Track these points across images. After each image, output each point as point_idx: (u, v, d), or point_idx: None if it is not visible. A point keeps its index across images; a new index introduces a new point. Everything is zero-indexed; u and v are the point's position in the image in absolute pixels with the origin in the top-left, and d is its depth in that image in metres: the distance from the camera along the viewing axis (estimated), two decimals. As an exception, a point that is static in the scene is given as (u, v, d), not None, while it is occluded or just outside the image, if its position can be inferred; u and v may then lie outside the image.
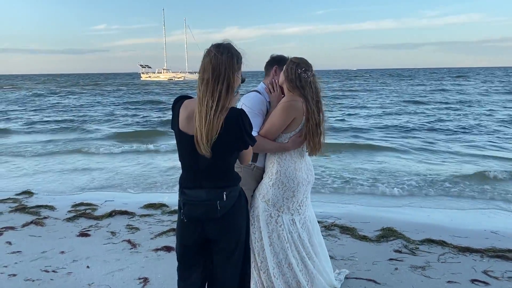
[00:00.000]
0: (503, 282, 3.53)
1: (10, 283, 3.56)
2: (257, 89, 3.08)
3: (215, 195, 2.13)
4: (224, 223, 2.18)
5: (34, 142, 12.94)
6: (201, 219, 2.17)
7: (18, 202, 6.11)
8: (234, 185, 2.22)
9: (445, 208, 6.00)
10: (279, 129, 2.87)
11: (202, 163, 2.12)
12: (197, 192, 2.16)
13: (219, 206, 2.12)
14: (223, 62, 2.05)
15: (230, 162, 2.20)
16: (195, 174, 2.17)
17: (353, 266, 3.83)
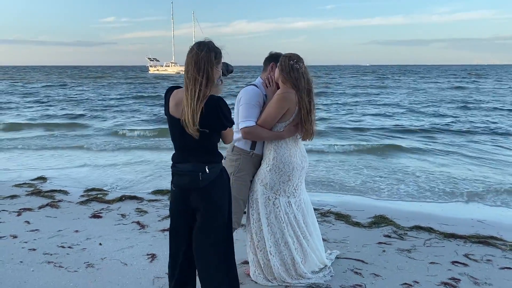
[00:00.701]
0: (481, 264, 3.83)
1: (30, 256, 3.92)
2: (254, 83, 3.39)
3: (198, 167, 2.50)
4: (205, 194, 2.54)
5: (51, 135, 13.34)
6: (186, 188, 2.55)
7: (34, 186, 6.48)
8: (216, 162, 2.58)
9: (439, 199, 6.28)
10: (275, 118, 3.18)
11: (189, 142, 2.49)
12: (184, 165, 2.54)
13: (201, 177, 2.48)
14: (202, 57, 2.42)
15: (213, 141, 2.55)
16: (183, 152, 2.56)
17: (344, 248, 4.14)
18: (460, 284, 3.43)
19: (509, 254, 4.05)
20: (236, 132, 3.35)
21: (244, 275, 3.53)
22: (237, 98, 3.37)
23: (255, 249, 3.42)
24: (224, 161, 3.40)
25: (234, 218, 3.35)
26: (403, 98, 27.61)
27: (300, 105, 3.15)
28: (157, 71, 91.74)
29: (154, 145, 11.05)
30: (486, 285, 3.43)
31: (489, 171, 8.06)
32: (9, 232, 4.51)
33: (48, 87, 39.55)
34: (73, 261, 3.81)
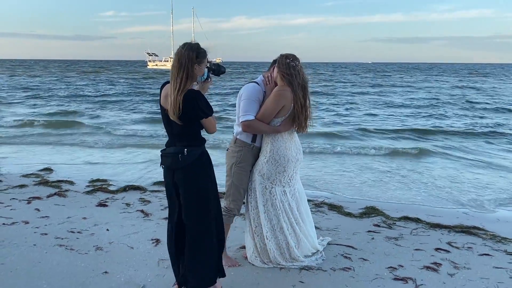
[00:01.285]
0: (462, 251, 4.13)
1: (43, 240, 4.20)
2: (256, 80, 3.67)
3: (179, 150, 2.90)
4: (185, 173, 2.92)
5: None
6: (171, 168, 2.96)
7: (41, 177, 6.75)
8: (196, 145, 2.94)
9: (425, 192, 6.58)
10: (272, 113, 3.46)
11: (174, 129, 2.90)
12: (169, 149, 2.98)
13: (180, 158, 2.88)
14: (184, 56, 2.78)
15: (194, 129, 2.94)
16: (170, 137, 3.00)
17: (335, 236, 4.44)
18: (441, 268, 3.73)
19: (489, 243, 4.35)
20: (237, 125, 3.63)
21: (242, 258, 3.82)
22: (238, 94, 3.65)
23: (253, 234, 3.71)
24: (227, 152, 3.72)
25: (233, 204, 3.67)
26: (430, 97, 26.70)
27: (294, 101, 3.43)
28: (156, 66, 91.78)
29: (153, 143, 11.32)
30: (465, 269, 3.72)
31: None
32: (20, 218, 4.78)
33: (50, 81, 39.65)
34: (83, 245, 4.09)
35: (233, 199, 3.68)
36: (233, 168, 3.66)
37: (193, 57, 2.79)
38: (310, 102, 3.55)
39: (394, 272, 3.64)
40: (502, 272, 3.69)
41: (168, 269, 3.53)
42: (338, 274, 3.60)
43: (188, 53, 2.79)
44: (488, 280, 3.53)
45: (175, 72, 2.79)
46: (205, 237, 3.00)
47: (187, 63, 2.78)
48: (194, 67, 2.81)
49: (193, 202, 2.95)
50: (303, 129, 3.57)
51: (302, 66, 3.50)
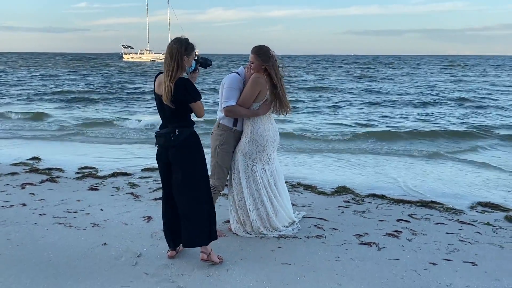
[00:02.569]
0: (420, 221, 4.70)
1: (42, 219, 4.56)
2: (237, 71, 4.11)
3: (171, 130, 3.35)
4: (177, 151, 3.37)
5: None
6: (164, 146, 3.40)
7: (30, 165, 7.04)
8: (186, 126, 3.38)
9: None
10: (250, 98, 3.92)
11: (167, 112, 3.33)
12: (163, 130, 3.42)
13: (172, 138, 3.33)
14: (175, 49, 3.23)
15: (184, 112, 3.36)
16: (164, 120, 3.44)
17: (310, 211, 4.94)
18: (401, 235, 4.27)
19: (445, 214, 4.93)
20: (220, 111, 4.07)
21: (227, 230, 4.28)
22: (221, 83, 4.09)
23: (236, 207, 4.17)
24: (211, 136, 4.15)
25: (218, 182, 4.12)
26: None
27: (272, 87, 3.89)
28: (132, 59, 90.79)
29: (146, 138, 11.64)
30: (422, 235, 4.27)
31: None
32: (17, 201, 5.12)
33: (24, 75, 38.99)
34: (80, 222, 4.48)
35: (217, 177, 4.12)
36: (217, 150, 4.10)
37: (182, 50, 3.24)
38: (284, 88, 4.03)
39: (360, 238, 4.17)
40: (453, 236, 4.26)
41: (161, 240, 3.96)
42: (312, 241, 4.10)
43: (178, 47, 3.24)
44: (440, 243, 4.08)
45: (167, 63, 3.24)
46: (196, 203, 3.46)
47: (177, 55, 3.23)
48: (183, 58, 3.26)
49: (185, 174, 3.40)
50: (283, 111, 4.06)
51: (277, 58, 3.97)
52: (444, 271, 3.53)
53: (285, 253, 3.82)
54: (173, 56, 3.23)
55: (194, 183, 3.44)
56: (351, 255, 3.80)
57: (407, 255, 3.81)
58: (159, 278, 3.33)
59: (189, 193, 3.43)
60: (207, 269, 3.48)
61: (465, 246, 4.04)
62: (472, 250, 3.95)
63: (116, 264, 3.56)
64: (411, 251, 3.90)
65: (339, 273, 3.46)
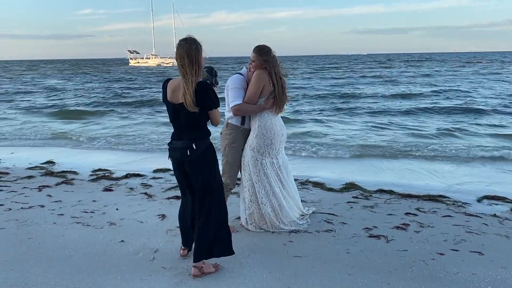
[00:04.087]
0: (428, 214, 4.80)
1: (60, 219, 4.73)
2: (240, 72, 4.26)
3: (187, 144, 3.19)
4: (195, 164, 3.24)
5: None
6: (180, 160, 3.27)
7: (45, 169, 7.23)
8: (203, 139, 3.24)
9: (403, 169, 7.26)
10: (256, 94, 4.07)
11: (182, 122, 3.18)
12: (177, 142, 3.24)
13: (189, 153, 3.18)
14: (193, 50, 3.04)
15: (201, 121, 3.20)
16: (178, 130, 3.26)
17: (319, 206, 5.06)
18: (409, 227, 4.38)
19: (452, 207, 5.03)
20: (228, 111, 4.21)
21: (239, 226, 4.42)
22: (226, 85, 4.24)
23: (249, 203, 4.31)
24: (220, 135, 4.28)
25: (230, 180, 4.26)
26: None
27: (274, 83, 4.05)
28: (138, 64, 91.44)
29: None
30: (429, 228, 4.38)
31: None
32: (36, 203, 5.29)
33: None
34: (97, 221, 4.64)
35: (229, 175, 4.27)
36: (227, 149, 4.24)
37: (199, 49, 3.09)
38: (286, 86, 4.21)
39: (369, 231, 4.29)
40: (460, 228, 4.36)
41: (176, 237, 4.10)
42: (322, 234, 4.22)
43: (195, 46, 3.06)
44: (447, 235, 4.19)
45: (185, 66, 3.03)
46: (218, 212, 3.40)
47: (197, 55, 3.05)
48: (202, 57, 3.10)
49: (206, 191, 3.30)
50: (281, 108, 4.21)
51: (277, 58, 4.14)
52: (452, 260, 3.64)
53: (296, 246, 3.95)
54: (193, 58, 3.04)
55: (216, 195, 3.38)
56: (361, 247, 3.92)
57: (415, 246, 3.92)
58: (176, 271, 3.47)
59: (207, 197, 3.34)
60: (222, 262, 3.61)
61: (472, 237, 4.14)
62: (478, 240, 4.05)
63: (134, 260, 3.71)
64: (419, 242, 4.01)
65: (349, 264, 3.58)
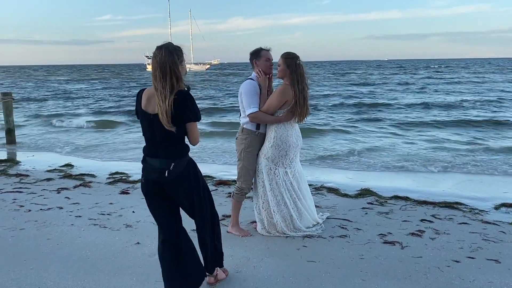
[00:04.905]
0: (444, 221, 4.75)
1: (78, 221, 4.82)
2: (251, 77, 4.28)
3: (165, 165, 2.77)
4: (175, 185, 2.83)
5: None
6: (156, 181, 2.83)
7: (64, 172, 7.37)
8: (181, 156, 2.83)
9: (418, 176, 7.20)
10: (276, 108, 4.08)
11: (157, 135, 2.76)
12: (153, 161, 2.81)
13: (167, 174, 2.77)
14: (166, 62, 2.66)
15: (179, 136, 2.78)
16: (153, 144, 2.82)
17: (333, 212, 5.05)
18: (425, 234, 4.35)
19: (468, 214, 4.97)
20: (243, 117, 4.25)
21: (253, 229, 4.44)
22: (239, 91, 4.27)
23: (260, 209, 4.33)
24: (236, 141, 4.32)
25: (245, 184, 4.29)
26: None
27: (296, 93, 4.04)
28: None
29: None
30: (445, 235, 4.34)
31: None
32: (54, 204, 5.40)
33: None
34: (114, 223, 4.71)
35: (244, 179, 4.30)
36: (243, 153, 4.27)
37: (176, 60, 2.71)
38: (308, 95, 4.17)
39: (384, 237, 4.26)
40: (476, 235, 4.31)
41: (192, 240, 4.14)
42: (336, 240, 4.21)
43: (170, 58, 2.69)
44: (463, 242, 4.14)
45: (159, 80, 2.66)
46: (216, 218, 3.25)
47: (172, 67, 2.68)
48: (179, 69, 2.74)
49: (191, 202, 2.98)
50: (302, 119, 4.20)
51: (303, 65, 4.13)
52: (467, 268, 3.60)
53: (310, 251, 3.95)
54: (168, 71, 2.67)
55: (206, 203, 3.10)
56: (375, 253, 3.90)
57: (430, 253, 3.89)
58: (191, 274, 3.50)
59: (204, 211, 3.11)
60: (236, 265, 3.64)
61: (489, 244, 4.08)
62: (495, 248, 4.00)
63: (150, 261, 3.76)
64: (434, 249, 3.97)
65: (363, 270, 3.57)
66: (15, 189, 6.16)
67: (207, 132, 12.86)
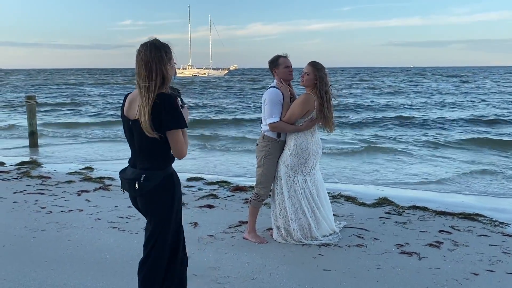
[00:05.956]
0: (463, 232, 4.69)
1: (97, 223, 4.91)
2: (273, 84, 4.31)
3: (136, 175, 2.46)
4: (147, 200, 2.50)
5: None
6: (130, 193, 2.57)
7: (84, 174, 7.51)
8: (157, 169, 2.46)
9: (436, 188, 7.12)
10: (298, 117, 4.12)
11: (137, 144, 2.47)
12: (128, 170, 2.55)
13: (137, 186, 2.44)
14: (153, 59, 2.35)
15: (160, 146, 2.42)
16: (133, 153, 2.57)
17: (350, 221, 5.03)
18: (443, 245, 4.30)
19: (488, 226, 4.89)
20: (264, 125, 4.28)
21: (269, 237, 4.45)
22: (262, 98, 4.31)
23: (277, 216, 4.34)
24: (256, 147, 4.34)
25: (263, 191, 4.32)
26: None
27: (321, 105, 4.06)
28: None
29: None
30: (464, 246, 4.28)
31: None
32: (75, 207, 5.51)
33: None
34: (132, 227, 4.78)
35: (263, 186, 4.32)
36: (263, 160, 4.30)
37: (163, 58, 2.39)
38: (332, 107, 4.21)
39: (401, 248, 4.23)
40: (496, 248, 4.24)
41: (207, 245, 4.22)
42: (353, 249, 4.20)
43: (157, 55, 2.37)
44: (483, 255, 4.08)
45: (145, 79, 2.34)
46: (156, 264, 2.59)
47: (159, 65, 2.36)
48: (167, 67, 2.41)
49: (154, 234, 2.55)
50: (332, 128, 4.24)
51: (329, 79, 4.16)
52: (486, 281, 3.55)
53: (326, 260, 3.94)
54: (154, 69, 2.35)
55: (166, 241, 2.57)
56: (392, 263, 3.87)
57: (448, 265, 3.84)
58: (207, 279, 3.54)
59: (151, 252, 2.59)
60: (252, 272, 3.66)
61: (509, 258, 4.01)
62: (516, 262, 3.93)
63: (167, 266, 3.80)
64: (452, 261, 3.92)
65: (380, 280, 3.55)
66: (37, 190, 6.30)
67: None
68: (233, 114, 20.50)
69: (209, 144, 11.71)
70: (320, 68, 4.14)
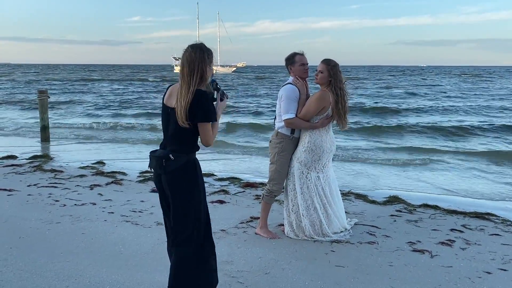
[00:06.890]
0: (475, 231, 4.68)
1: (111, 217, 4.96)
2: (290, 81, 4.33)
3: (164, 155, 2.75)
4: (171, 179, 2.75)
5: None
6: (156, 171, 2.84)
7: (96, 169, 7.58)
8: (184, 152, 2.76)
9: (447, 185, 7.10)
10: (313, 113, 4.14)
11: (171, 130, 2.77)
12: (158, 151, 2.85)
13: (164, 164, 2.72)
14: (196, 59, 2.69)
15: (190, 135, 2.74)
16: (165, 137, 2.86)
17: (361, 218, 5.04)
18: (455, 244, 4.30)
19: (500, 226, 4.88)
20: (278, 122, 4.30)
21: (281, 232, 4.48)
22: (278, 94, 4.34)
23: (290, 212, 4.37)
24: (270, 143, 4.36)
25: (276, 187, 4.35)
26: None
27: (336, 102, 4.08)
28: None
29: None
30: (476, 245, 4.28)
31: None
32: (88, 200, 5.57)
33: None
34: (145, 221, 4.84)
35: (275, 182, 4.35)
36: (276, 157, 4.33)
37: (205, 59, 2.74)
38: (347, 105, 4.22)
39: (413, 245, 4.24)
40: (509, 247, 4.24)
41: (220, 239, 4.25)
42: (364, 246, 4.22)
43: (200, 55, 2.72)
44: (495, 254, 4.08)
45: (186, 76, 2.68)
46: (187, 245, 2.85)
47: (201, 65, 2.70)
48: (207, 68, 2.75)
49: (177, 208, 2.80)
50: (345, 125, 4.26)
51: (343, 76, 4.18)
52: (499, 280, 3.55)
53: (338, 256, 3.96)
54: (196, 68, 2.68)
55: (189, 219, 2.83)
56: (404, 261, 3.88)
57: (460, 263, 3.85)
58: (221, 273, 3.56)
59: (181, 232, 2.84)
60: (264, 267, 3.69)
61: (522, 257, 4.01)
62: (529, 261, 3.92)
63: (180, 259, 3.84)
64: (464, 259, 3.93)
65: (392, 277, 3.56)
66: (50, 184, 6.38)
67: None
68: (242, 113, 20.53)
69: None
70: (334, 65, 4.16)
